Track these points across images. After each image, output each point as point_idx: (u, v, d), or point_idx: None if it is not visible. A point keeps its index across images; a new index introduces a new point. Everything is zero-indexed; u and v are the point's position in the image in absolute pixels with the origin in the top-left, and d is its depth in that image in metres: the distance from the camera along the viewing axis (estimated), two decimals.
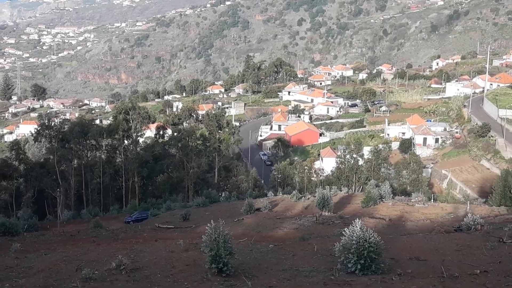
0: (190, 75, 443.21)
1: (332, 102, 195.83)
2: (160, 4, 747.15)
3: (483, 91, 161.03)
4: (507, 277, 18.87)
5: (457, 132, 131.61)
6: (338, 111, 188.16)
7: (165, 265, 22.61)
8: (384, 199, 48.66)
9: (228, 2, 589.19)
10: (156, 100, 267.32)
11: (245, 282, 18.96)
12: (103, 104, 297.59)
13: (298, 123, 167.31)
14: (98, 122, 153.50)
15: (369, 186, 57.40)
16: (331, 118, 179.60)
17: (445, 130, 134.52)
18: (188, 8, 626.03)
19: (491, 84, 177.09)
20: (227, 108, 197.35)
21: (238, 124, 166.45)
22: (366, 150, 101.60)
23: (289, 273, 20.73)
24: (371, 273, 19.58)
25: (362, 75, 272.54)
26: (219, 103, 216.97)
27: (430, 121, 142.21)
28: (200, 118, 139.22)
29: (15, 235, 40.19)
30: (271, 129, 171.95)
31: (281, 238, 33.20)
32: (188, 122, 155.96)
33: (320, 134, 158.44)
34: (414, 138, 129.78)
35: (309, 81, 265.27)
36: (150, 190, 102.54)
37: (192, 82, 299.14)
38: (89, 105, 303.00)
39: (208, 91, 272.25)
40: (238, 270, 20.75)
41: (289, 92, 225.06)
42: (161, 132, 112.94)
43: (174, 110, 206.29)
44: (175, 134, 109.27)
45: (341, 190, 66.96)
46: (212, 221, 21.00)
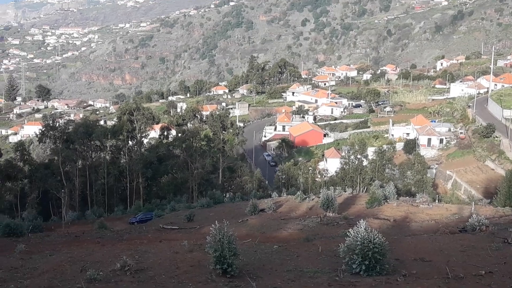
0: (194, 76, 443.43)
1: (336, 103, 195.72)
2: (164, 4, 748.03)
3: (488, 92, 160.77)
4: None
5: (461, 132, 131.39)
6: (342, 112, 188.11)
7: (169, 266, 22.64)
8: (388, 200, 48.66)
9: (232, 3, 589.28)
10: (160, 101, 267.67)
11: (249, 283, 18.97)
12: (108, 105, 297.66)
13: (302, 124, 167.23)
14: (102, 123, 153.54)
15: (373, 187, 57.38)
16: (335, 119, 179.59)
17: (449, 130, 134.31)
18: (192, 8, 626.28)
19: (496, 84, 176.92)
20: (231, 108, 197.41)
21: (242, 124, 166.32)
22: (371, 151, 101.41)
23: (293, 274, 20.75)
24: (376, 274, 19.58)
25: (366, 76, 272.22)
26: (223, 104, 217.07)
27: (435, 121, 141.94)
28: (204, 119, 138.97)
29: (20, 236, 40.34)
30: (275, 129, 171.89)
31: (285, 239, 33.23)
32: (192, 123, 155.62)
33: (324, 135, 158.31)
34: (418, 139, 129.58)
35: (313, 81, 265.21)
36: (154, 191, 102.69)
37: (196, 82, 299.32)
38: (93, 106, 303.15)
39: (212, 92, 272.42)
40: (243, 271, 20.77)
41: (293, 92, 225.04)
42: (165, 133, 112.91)
43: (178, 111, 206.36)
44: (179, 135, 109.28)
45: (345, 191, 66.96)
46: (216, 222, 21.04)
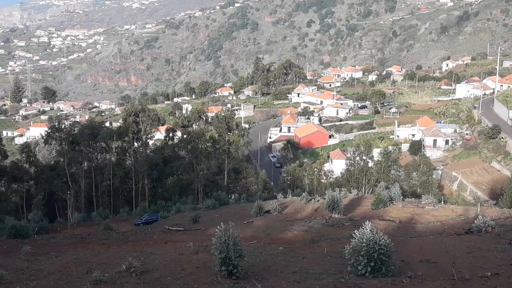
0: (200, 77, 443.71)
1: (341, 104, 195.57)
2: (169, 6, 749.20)
3: (493, 93, 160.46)
4: None
5: (467, 133, 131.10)
6: (347, 113, 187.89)
7: (175, 267, 22.68)
8: (394, 201, 48.56)
9: (237, 4, 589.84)
10: (165, 102, 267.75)
11: (255, 285, 18.99)
12: (113, 106, 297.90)
13: (308, 125, 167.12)
14: (108, 124, 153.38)
15: (379, 188, 57.29)
16: (341, 120, 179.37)
17: (455, 131, 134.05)
18: (197, 10, 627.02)
19: (502, 85, 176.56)
20: (237, 110, 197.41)
21: (247, 126, 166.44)
22: (376, 152, 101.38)
23: (299, 275, 20.76)
24: (382, 275, 19.58)
25: (372, 77, 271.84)
26: (229, 105, 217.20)
27: (440, 122, 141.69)
28: (209, 120, 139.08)
29: (26, 238, 40.48)
30: (281, 131, 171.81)
31: (291, 240, 33.23)
32: (197, 124, 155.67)
33: (329, 136, 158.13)
34: (424, 140, 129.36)
35: (318, 83, 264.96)
36: (160, 193, 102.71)
37: (201, 84, 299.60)
38: (99, 107, 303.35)
39: (217, 93, 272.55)
40: (248, 272, 20.79)
41: (298, 94, 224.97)
42: (170, 134, 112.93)
43: (184, 112, 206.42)
44: (185, 136, 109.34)
45: (350, 192, 66.83)
46: (222, 223, 21.09)
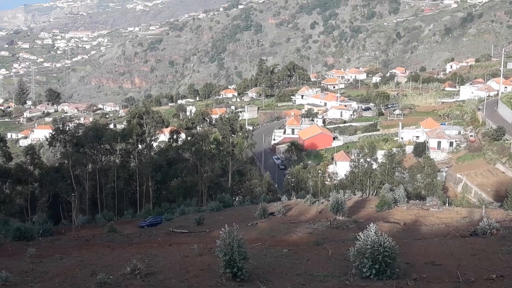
0: (203, 79, 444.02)
1: (345, 106, 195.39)
2: (173, 8, 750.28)
3: (498, 94, 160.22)
4: None
5: (471, 135, 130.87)
6: (351, 115, 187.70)
7: (179, 269, 22.68)
8: (398, 203, 48.47)
9: (241, 6, 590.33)
10: (169, 104, 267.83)
11: (259, 287, 18.98)
12: (117, 108, 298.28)
13: (312, 127, 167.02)
14: (112, 126, 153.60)
15: (383, 190, 57.23)
16: (345, 122, 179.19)
17: (459, 133, 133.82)
18: (201, 12, 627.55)
19: (506, 87, 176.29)
20: (240, 112, 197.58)
21: (251, 128, 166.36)
22: (380, 154, 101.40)
23: (303, 278, 20.73)
24: (386, 278, 19.54)
25: (376, 79, 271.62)
26: (232, 107, 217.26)
27: (444, 124, 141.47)
28: (213, 122, 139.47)
29: (30, 240, 40.52)
30: (285, 133, 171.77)
31: (295, 242, 33.19)
32: (201, 126, 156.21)
33: (333, 138, 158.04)
34: (428, 142, 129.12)
35: (322, 84, 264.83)
36: (164, 195, 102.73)
37: (205, 86, 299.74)
38: (103, 109, 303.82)
39: (221, 95, 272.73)
40: (253, 274, 20.77)
41: (302, 95, 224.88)
42: (174, 136, 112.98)
43: (188, 114, 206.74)
44: (189, 138, 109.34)
45: (355, 194, 66.69)
46: (226, 225, 21.07)
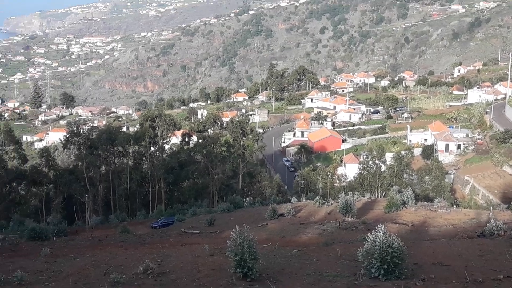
0: (215, 83, 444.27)
1: (354, 109, 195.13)
2: (185, 13, 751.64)
3: (505, 98, 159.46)
4: None
5: (479, 138, 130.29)
6: (360, 118, 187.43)
7: (191, 269, 22.68)
8: (406, 205, 48.25)
9: (251, 11, 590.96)
10: (181, 107, 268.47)
11: (269, 287, 18.95)
12: (130, 111, 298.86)
13: (321, 130, 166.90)
14: (125, 129, 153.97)
15: (391, 192, 56.94)
16: (354, 125, 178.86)
17: (467, 136, 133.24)
18: (212, 17, 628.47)
19: None
20: (251, 115, 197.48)
21: (261, 131, 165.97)
22: (389, 156, 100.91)
23: (313, 278, 20.68)
24: (395, 278, 19.47)
25: (384, 82, 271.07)
26: (243, 110, 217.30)
27: (452, 127, 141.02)
28: (224, 125, 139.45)
29: (45, 240, 40.67)
30: (294, 135, 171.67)
31: (304, 243, 33.12)
32: (212, 129, 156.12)
33: (342, 141, 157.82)
34: (436, 144, 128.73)
35: (331, 88, 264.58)
36: (176, 196, 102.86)
37: (216, 89, 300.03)
38: (116, 112, 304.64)
39: (232, 99, 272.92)
40: (263, 274, 20.73)
41: (311, 99, 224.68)
42: (186, 139, 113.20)
43: (199, 117, 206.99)
44: (200, 141, 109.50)
45: (363, 196, 66.44)
46: (236, 226, 21.04)
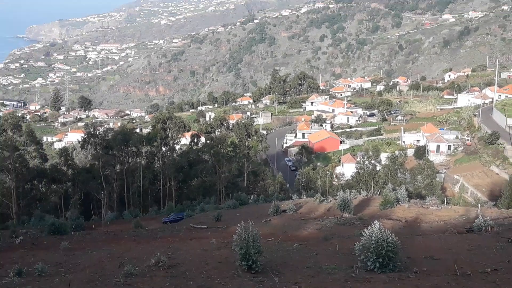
0: (222, 88, 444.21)
1: (351, 112, 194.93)
2: (194, 22, 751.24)
3: (492, 102, 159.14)
4: None
5: (468, 139, 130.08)
6: (357, 120, 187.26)
7: (199, 262, 22.71)
8: (400, 202, 48.26)
9: (256, 20, 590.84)
10: (190, 110, 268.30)
11: (272, 278, 18.98)
12: (143, 114, 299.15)
13: (321, 132, 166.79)
14: (138, 131, 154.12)
15: (386, 190, 56.97)
16: (351, 127, 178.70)
17: (457, 138, 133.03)
18: (219, 26, 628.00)
19: (500, 95, 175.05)
20: (255, 117, 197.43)
21: (265, 132, 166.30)
22: (384, 157, 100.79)
23: (313, 270, 20.70)
24: (389, 270, 19.48)
25: (380, 87, 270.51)
26: (248, 113, 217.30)
27: (443, 129, 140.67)
28: (230, 127, 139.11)
29: (64, 234, 40.83)
30: (296, 137, 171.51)
31: (305, 237, 33.14)
32: (219, 130, 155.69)
33: (340, 142, 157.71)
34: (428, 145, 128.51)
35: (330, 92, 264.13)
36: (185, 193, 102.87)
37: (223, 94, 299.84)
38: (130, 115, 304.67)
39: (238, 102, 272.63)
40: (266, 267, 20.76)
41: (312, 102, 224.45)
42: (195, 140, 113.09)
43: (207, 119, 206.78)
44: (208, 141, 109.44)
45: (360, 194, 66.49)
46: (242, 221, 21.07)
